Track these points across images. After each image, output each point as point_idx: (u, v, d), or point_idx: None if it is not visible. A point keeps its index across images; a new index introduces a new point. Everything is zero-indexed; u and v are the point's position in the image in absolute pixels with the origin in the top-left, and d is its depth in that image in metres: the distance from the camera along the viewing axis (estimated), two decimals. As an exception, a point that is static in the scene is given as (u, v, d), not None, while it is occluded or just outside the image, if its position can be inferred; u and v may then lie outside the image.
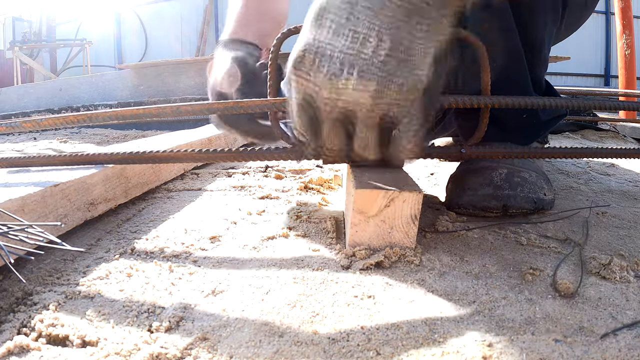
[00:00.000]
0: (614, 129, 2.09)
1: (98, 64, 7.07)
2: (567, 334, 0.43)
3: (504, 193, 0.75)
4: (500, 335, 0.43)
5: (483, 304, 0.49)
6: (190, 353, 0.40)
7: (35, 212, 0.60)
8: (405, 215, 0.59)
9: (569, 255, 0.62)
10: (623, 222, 0.76)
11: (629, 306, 0.48)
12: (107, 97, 3.20)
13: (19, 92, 3.59)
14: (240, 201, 0.88)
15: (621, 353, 0.40)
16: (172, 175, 1.04)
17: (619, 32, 2.52)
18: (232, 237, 0.69)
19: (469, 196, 0.77)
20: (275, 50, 0.71)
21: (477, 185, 0.76)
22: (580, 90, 2.50)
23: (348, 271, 0.56)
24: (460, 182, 0.80)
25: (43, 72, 6.48)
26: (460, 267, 0.59)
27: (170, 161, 0.74)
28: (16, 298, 0.49)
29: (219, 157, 0.73)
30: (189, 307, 0.48)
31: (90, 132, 2.59)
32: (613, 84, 6.05)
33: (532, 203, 0.76)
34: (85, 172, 0.72)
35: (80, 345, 0.41)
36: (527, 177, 0.77)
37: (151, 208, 0.84)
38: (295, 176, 1.11)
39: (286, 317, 0.46)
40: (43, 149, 1.95)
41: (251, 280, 0.54)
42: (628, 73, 2.52)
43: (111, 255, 0.61)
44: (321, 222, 0.76)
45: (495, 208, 0.75)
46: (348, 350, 0.41)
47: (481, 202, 0.76)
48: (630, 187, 1.02)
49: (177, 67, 3.08)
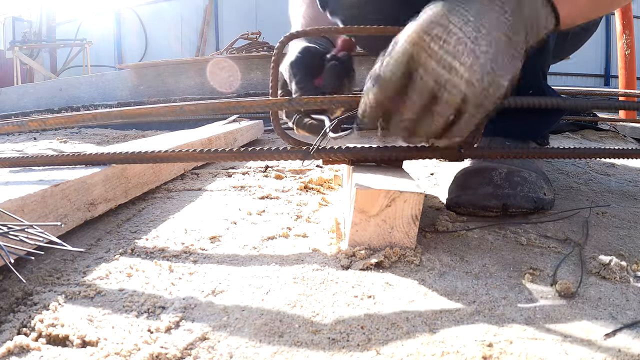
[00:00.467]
0: (614, 129, 2.09)
1: (98, 64, 7.06)
2: (567, 334, 0.43)
3: (504, 192, 0.75)
4: (500, 335, 0.43)
5: (483, 304, 0.49)
6: (190, 353, 0.40)
7: (36, 212, 0.60)
8: (406, 215, 0.59)
9: (569, 255, 0.62)
10: (623, 222, 0.76)
11: (629, 306, 0.48)
12: (107, 97, 3.20)
13: (19, 92, 3.59)
14: (240, 201, 0.88)
15: (621, 353, 0.40)
16: (172, 175, 1.04)
17: (619, 32, 2.52)
18: (232, 237, 0.69)
19: (468, 195, 0.77)
20: (277, 53, 0.71)
21: (477, 185, 0.76)
22: (580, 91, 2.50)
23: (348, 271, 0.56)
24: (460, 181, 0.80)
25: (43, 72, 6.47)
26: (460, 267, 0.59)
27: (172, 161, 0.74)
28: (16, 298, 0.49)
29: (221, 156, 0.73)
30: (189, 307, 0.48)
31: (90, 132, 2.59)
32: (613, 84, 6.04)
33: (532, 202, 0.76)
34: (86, 172, 0.72)
35: (80, 345, 0.41)
36: (527, 177, 0.77)
37: (151, 208, 0.84)
38: (295, 176, 1.11)
39: (286, 317, 0.46)
40: (43, 149, 1.95)
41: (251, 280, 0.54)
42: (628, 73, 2.51)
43: (111, 255, 0.61)
44: (321, 222, 0.76)
45: (495, 207, 0.75)
46: (348, 350, 0.41)
47: (481, 201, 0.76)
48: (630, 187, 1.02)
49: (177, 67, 3.08)
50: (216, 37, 7.18)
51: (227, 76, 2.87)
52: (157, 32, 7.38)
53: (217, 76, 2.88)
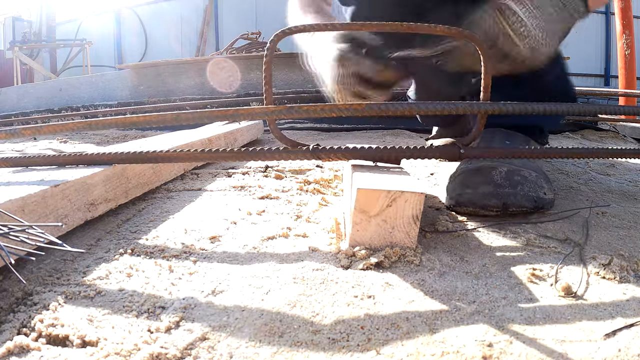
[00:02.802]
0: (614, 129, 2.09)
1: (98, 64, 7.07)
2: (566, 333, 0.43)
3: (504, 191, 0.75)
4: (500, 335, 0.43)
5: (483, 304, 0.49)
6: (190, 353, 0.40)
7: (36, 212, 0.60)
8: (407, 216, 0.59)
9: (569, 255, 0.62)
10: (623, 222, 0.76)
11: (629, 306, 0.48)
12: (107, 97, 3.19)
13: (19, 92, 3.59)
14: (240, 201, 0.88)
15: (621, 353, 0.40)
16: (172, 175, 1.04)
17: (619, 32, 2.52)
18: (232, 237, 0.69)
19: (469, 194, 0.77)
20: (271, 49, 0.71)
21: (477, 184, 0.76)
22: (580, 90, 2.50)
23: (348, 271, 0.56)
24: (460, 181, 0.80)
25: (43, 72, 6.47)
26: (460, 267, 0.59)
27: (175, 161, 0.74)
28: (16, 298, 0.49)
29: (222, 156, 0.73)
30: (189, 307, 0.48)
31: (90, 132, 2.58)
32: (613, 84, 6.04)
33: (532, 202, 0.76)
34: (86, 172, 0.72)
35: (80, 345, 0.41)
36: (527, 176, 0.77)
37: (151, 208, 0.84)
38: (295, 176, 1.11)
39: (286, 317, 0.46)
40: (43, 149, 1.95)
41: (251, 280, 0.54)
42: (628, 73, 2.52)
43: (111, 255, 0.61)
44: (321, 222, 0.76)
45: (495, 206, 0.75)
46: (348, 350, 0.41)
47: (481, 200, 0.76)
48: (630, 187, 1.02)
49: (177, 67, 3.08)
50: (216, 37, 7.18)
51: (227, 76, 2.87)
52: (157, 32, 7.38)
53: (217, 76, 2.88)
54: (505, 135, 0.94)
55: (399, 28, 0.70)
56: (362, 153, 0.71)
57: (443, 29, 0.68)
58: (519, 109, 0.69)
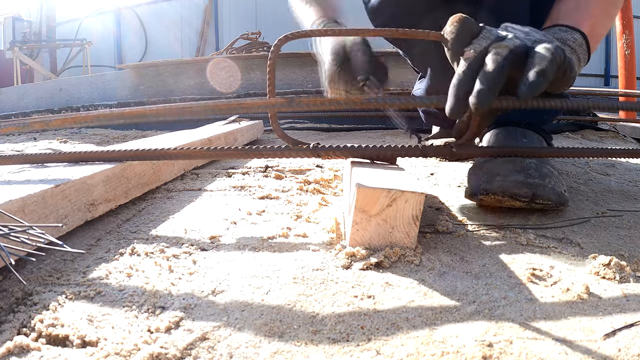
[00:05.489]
0: (614, 129, 2.09)
1: (98, 64, 7.06)
2: (567, 333, 0.43)
3: (535, 182, 0.74)
4: (500, 335, 0.43)
5: (483, 304, 0.49)
6: (190, 353, 0.40)
7: (36, 212, 0.60)
8: (407, 216, 0.59)
9: (568, 255, 0.62)
10: (623, 222, 0.76)
11: (629, 306, 0.48)
12: (107, 97, 3.19)
13: (19, 92, 3.59)
14: (240, 201, 0.88)
15: (621, 353, 0.40)
16: (172, 175, 1.04)
17: (619, 32, 2.52)
18: (232, 237, 0.69)
19: (499, 182, 0.75)
20: (274, 52, 0.71)
21: (507, 172, 0.75)
22: (580, 90, 2.50)
23: (348, 271, 0.56)
24: (489, 168, 0.78)
25: (43, 72, 6.48)
26: (460, 267, 0.59)
27: (179, 158, 0.75)
28: (16, 298, 0.49)
29: (225, 154, 0.73)
30: (189, 307, 0.48)
31: (90, 132, 2.58)
32: (613, 84, 6.04)
33: (557, 196, 0.75)
34: (86, 172, 0.72)
35: (80, 345, 0.41)
36: (553, 171, 0.76)
37: (151, 208, 0.84)
38: (295, 176, 1.11)
39: (286, 317, 0.46)
40: (43, 149, 1.95)
41: (251, 280, 0.54)
42: (628, 73, 2.51)
43: (111, 255, 0.61)
44: (321, 222, 0.76)
45: (525, 196, 0.73)
46: (348, 350, 0.41)
47: (512, 188, 0.74)
48: (630, 187, 1.02)
49: (177, 67, 3.08)
50: (216, 37, 7.18)
51: (227, 76, 2.87)
52: (157, 32, 7.38)
53: (217, 76, 2.88)
54: (522, 134, 0.92)
55: (394, 34, 0.71)
56: (360, 151, 0.72)
57: (436, 34, 0.69)
58: (514, 105, 0.68)
